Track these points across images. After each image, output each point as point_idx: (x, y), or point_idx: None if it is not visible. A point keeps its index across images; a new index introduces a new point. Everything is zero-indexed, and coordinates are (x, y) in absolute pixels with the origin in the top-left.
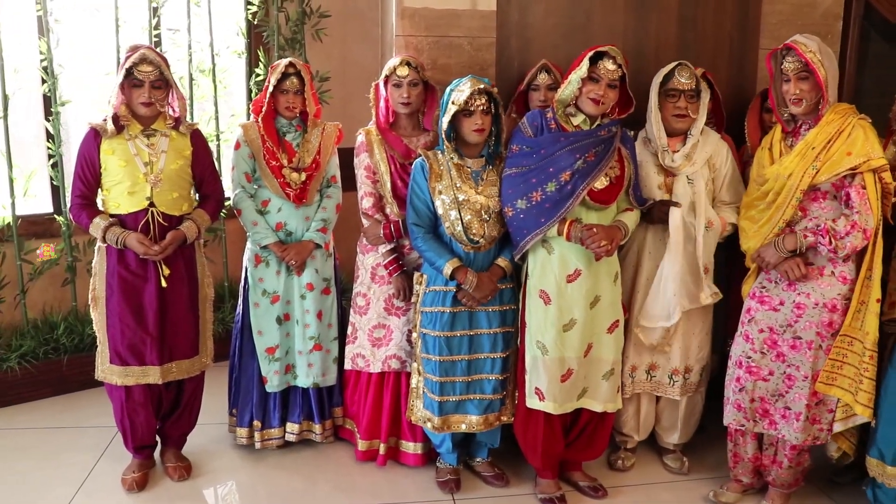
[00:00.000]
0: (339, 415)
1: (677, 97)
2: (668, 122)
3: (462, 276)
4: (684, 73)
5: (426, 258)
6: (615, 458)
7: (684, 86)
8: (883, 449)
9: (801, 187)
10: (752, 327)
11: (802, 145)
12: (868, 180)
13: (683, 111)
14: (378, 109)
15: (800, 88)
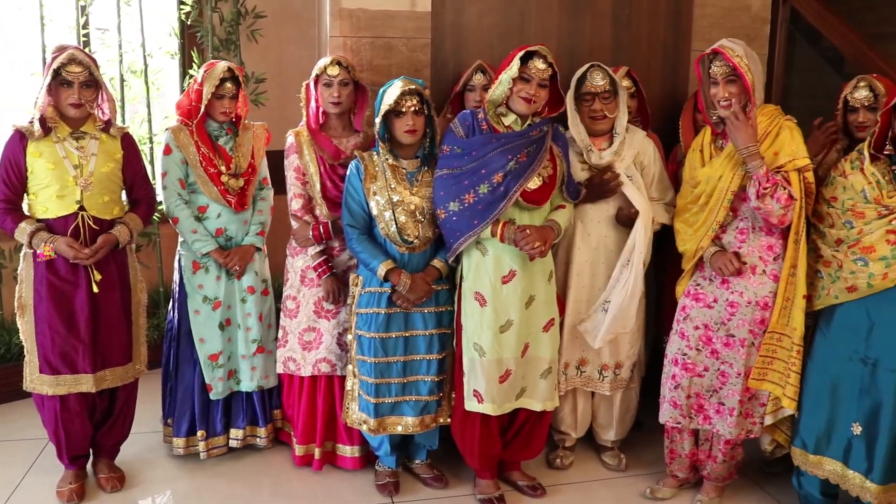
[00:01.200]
0: (279, 417)
1: (591, 100)
2: (586, 124)
3: (396, 277)
4: (597, 76)
5: (361, 259)
6: (553, 457)
7: (598, 88)
8: (805, 438)
9: (731, 188)
10: (687, 325)
11: (731, 147)
12: (793, 179)
13: (599, 113)
14: (308, 110)
15: (728, 92)
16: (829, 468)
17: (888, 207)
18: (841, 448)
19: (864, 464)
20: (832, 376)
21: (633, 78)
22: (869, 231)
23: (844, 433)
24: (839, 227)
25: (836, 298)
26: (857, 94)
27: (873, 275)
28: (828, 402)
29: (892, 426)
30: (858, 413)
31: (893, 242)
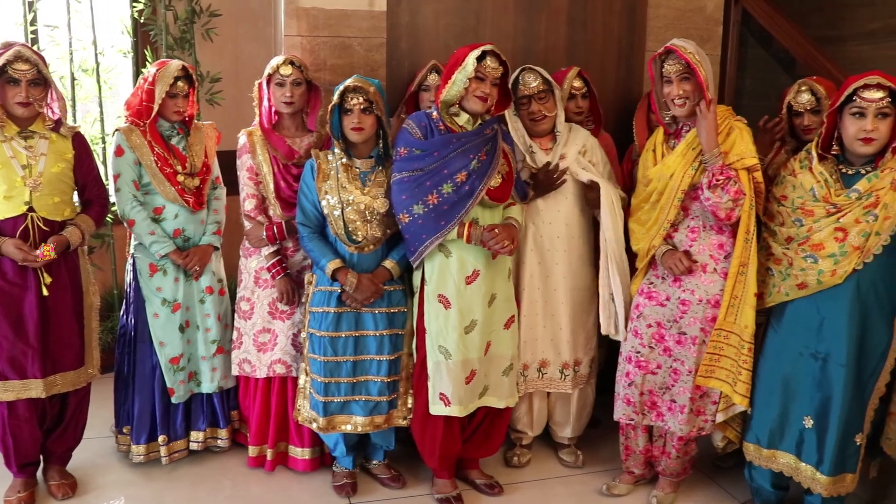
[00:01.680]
0: (236, 418)
1: (528, 102)
2: (528, 126)
3: (342, 276)
4: (529, 77)
5: (312, 258)
6: (511, 455)
7: (532, 90)
8: (759, 433)
9: (682, 187)
10: (640, 323)
11: (683, 146)
12: (742, 178)
13: (538, 114)
14: (261, 109)
15: (682, 89)
16: (783, 461)
17: (836, 205)
18: (794, 441)
19: (815, 456)
20: (784, 372)
21: (585, 78)
22: (818, 229)
23: (797, 427)
24: (789, 225)
25: (787, 295)
26: (799, 99)
27: (822, 271)
28: (780, 397)
29: (841, 419)
30: (810, 407)
31: (841, 240)
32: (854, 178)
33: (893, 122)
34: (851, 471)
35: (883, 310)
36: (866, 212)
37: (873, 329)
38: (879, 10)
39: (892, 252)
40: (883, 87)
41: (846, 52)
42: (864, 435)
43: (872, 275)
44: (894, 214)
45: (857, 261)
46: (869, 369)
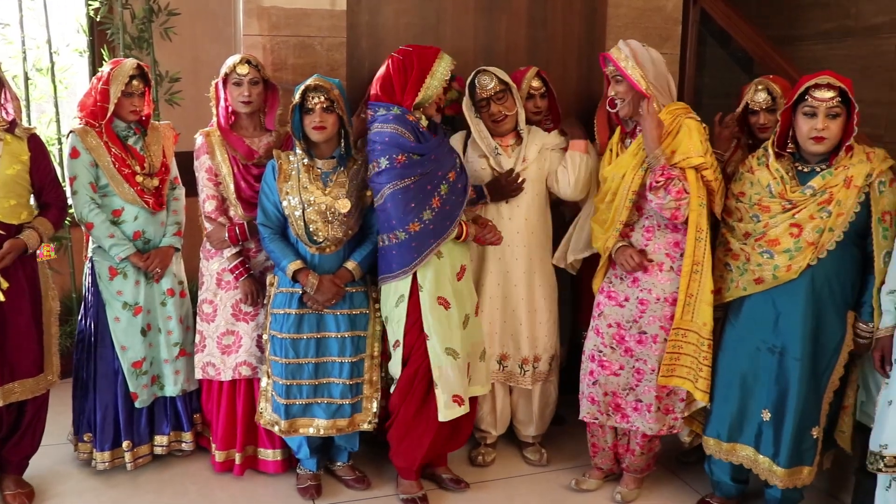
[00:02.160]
0: (199, 421)
1: (487, 105)
2: (490, 128)
3: (303, 277)
4: (485, 79)
5: (273, 259)
6: (476, 454)
7: (489, 92)
8: (719, 427)
9: (632, 188)
10: (601, 322)
11: (635, 146)
12: (690, 177)
13: (498, 115)
14: (219, 109)
15: (615, 91)
16: (743, 454)
17: (791, 202)
18: (752, 434)
19: (772, 448)
20: (742, 366)
21: (543, 78)
22: (774, 224)
23: (755, 420)
24: (747, 220)
25: (745, 290)
26: (756, 98)
27: (778, 267)
28: (738, 391)
29: (797, 412)
30: (767, 400)
31: (796, 235)
32: (809, 175)
33: (844, 121)
34: (808, 464)
35: (836, 304)
36: (820, 208)
37: (827, 323)
38: (833, 12)
39: (844, 248)
40: (833, 87)
41: (802, 52)
42: (821, 428)
43: (826, 270)
44: (847, 211)
45: (811, 256)
46: (823, 363)
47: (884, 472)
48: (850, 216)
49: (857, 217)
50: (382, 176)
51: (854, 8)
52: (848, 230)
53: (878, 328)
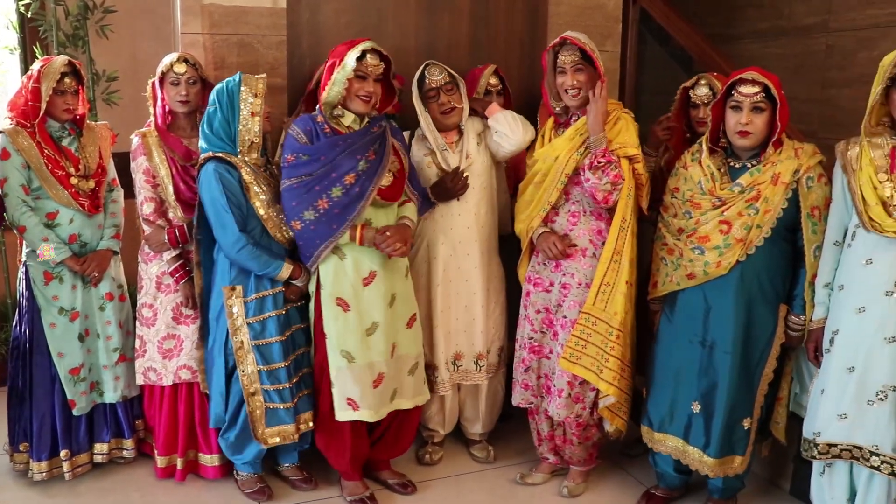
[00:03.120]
0: (141, 427)
1: (436, 94)
2: (438, 121)
3: (298, 272)
4: (434, 72)
5: (251, 267)
6: (423, 453)
7: (437, 82)
8: (652, 417)
9: (566, 171)
10: (531, 310)
11: (572, 131)
12: (623, 166)
13: (447, 105)
14: (156, 109)
15: (576, 80)
16: (672, 444)
17: (721, 199)
18: (682, 425)
19: (702, 439)
20: (675, 358)
21: (500, 76)
22: (704, 221)
23: (685, 411)
24: (680, 216)
25: (678, 285)
26: (698, 92)
27: (708, 263)
28: (671, 383)
29: (727, 404)
30: (698, 392)
31: (725, 232)
32: (740, 171)
33: (770, 117)
34: (740, 453)
35: (767, 298)
36: (748, 205)
37: (759, 317)
38: (767, 12)
39: (774, 243)
40: (757, 82)
41: (738, 50)
42: (754, 419)
43: (756, 265)
44: (774, 208)
45: (740, 252)
46: (756, 356)
47: (817, 458)
48: (777, 213)
49: (785, 213)
50: (281, 174)
51: (787, 9)
52: (776, 226)
53: (811, 320)
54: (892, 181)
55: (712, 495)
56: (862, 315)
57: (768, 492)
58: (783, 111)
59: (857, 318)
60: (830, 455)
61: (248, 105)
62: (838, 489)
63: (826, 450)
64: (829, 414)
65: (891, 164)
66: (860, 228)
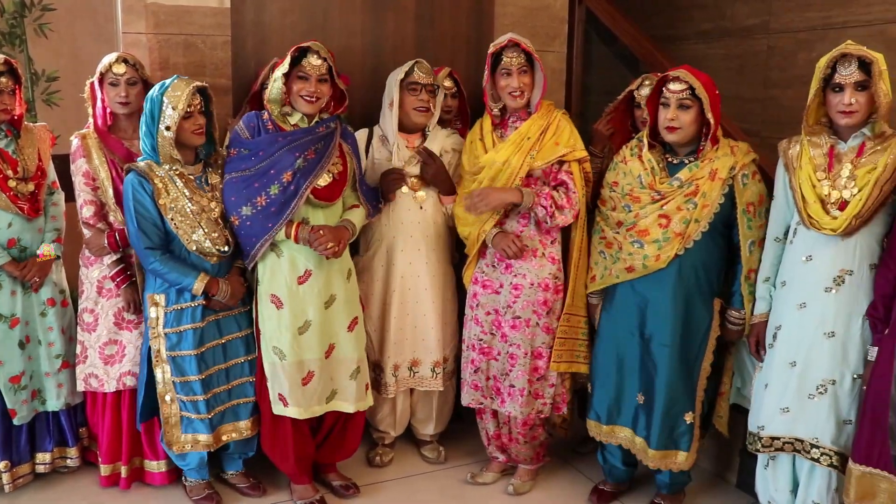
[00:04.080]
0: (85, 435)
1: (419, 90)
2: (409, 116)
3: (215, 288)
4: (423, 69)
5: (169, 280)
6: (373, 455)
7: (424, 80)
8: (599, 410)
9: (520, 175)
10: (479, 311)
11: (517, 135)
12: (574, 169)
13: (426, 104)
14: (95, 110)
15: (522, 82)
16: (622, 435)
17: (660, 193)
18: (630, 416)
19: (645, 431)
20: (617, 351)
21: (455, 79)
22: (644, 215)
23: (631, 402)
24: (620, 210)
25: (618, 278)
26: (642, 92)
27: (647, 256)
28: (615, 375)
29: (666, 397)
30: (641, 384)
31: (664, 226)
32: (678, 167)
33: (697, 113)
34: (684, 449)
35: (703, 292)
36: (687, 200)
37: (696, 311)
38: (711, 13)
39: (711, 238)
40: (684, 80)
41: (683, 51)
42: (696, 414)
43: (693, 259)
44: (712, 203)
45: (678, 246)
46: (694, 350)
47: (762, 451)
48: (714, 207)
49: (721, 208)
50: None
51: (729, 10)
52: (713, 221)
53: (753, 315)
54: (830, 180)
55: (660, 490)
56: (803, 311)
57: (715, 485)
58: (714, 109)
59: (798, 313)
60: (774, 448)
61: (165, 118)
62: (781, 481)
63: (769, 443)
64: (772, 408)
65: (829, 162)
66: (801, 226)
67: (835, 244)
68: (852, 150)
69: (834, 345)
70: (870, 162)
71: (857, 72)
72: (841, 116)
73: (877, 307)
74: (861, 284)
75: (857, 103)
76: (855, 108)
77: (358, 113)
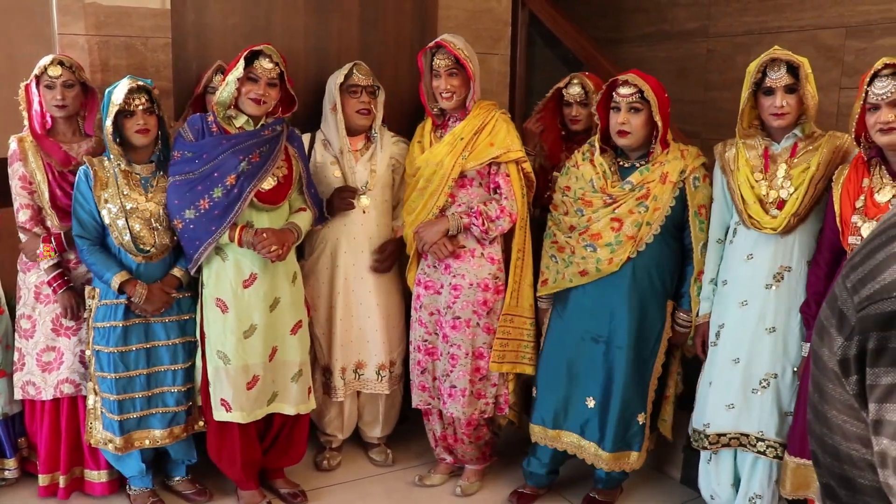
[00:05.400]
0: (24, 445)
1: (359, 93)
2: (351, 119)
3: (131, 288)
4: (362, 71)
5: (94, 272)
6: (321, 459)
7: (363, 82)
8: (544, 415)
9: (452, 176)
10: (422, 313)
11: (451, 136)
12: (511, 170)
13: (367, 106)
14: (31, 113)
15: (450, 84)
16: (567, 440)
17: (612, 196)
18: (577, 422)
19: (598, 434)
20: (568, 355)
21: None
22: (597, 219)
23: (580, 408)
24: (572, 214)
25: (571, 282)
26: (570, 90)
27: (601, 260)
28: (564, 380)
29: (622, 399)
30: (593, 388)
31: (617, 230)
32: (630, 170)
33: (647, 117)
34: (636, 449)
35: (657, 294)
36: (638, 203)
37: (649, 313)
38: (653, 16)
39: (663, 240)
40: (633, 84)
41: (626, 54)
42: (647, 415)
43: (646, 262)
44: (663, 206)
45: (631, 249)
46: (647, 351)
47: (708, 448)
48: (666, 210)
49: (672, 211)
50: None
51: (670, 14)
52: (665, 223)
53: (698, 315)
54: (767, 179)
55: (597, 485)
56: (745, 308)
57: (657, 480)
58: (662, 112)
59: (740, 311)
60: (720, 444)
61: (109, 116)
62: (724, 475)
63: (716, 440)
64: (717, 405)
65: (765, 163)
66: (741, 226)
67: (774, 242)
68: (786, 151)
69: (775, 339)
70: (803, 161)
71: (785, 75)
72: (773, 118)
73: (809, 304)
74: (800, 280)
75: (787, 105)
76: (786, 109)
77: (301, 115)
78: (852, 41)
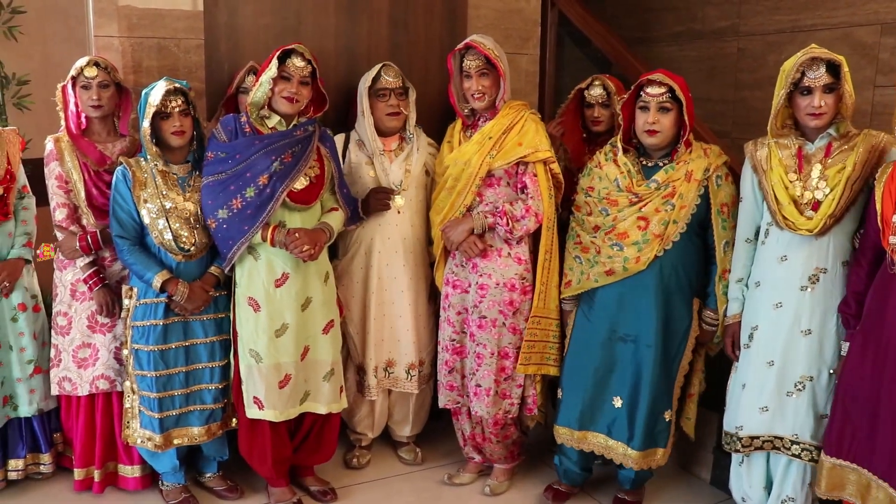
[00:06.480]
0: (60, 440)
1: (388, 95)
2: (381, 122)
3: (173, 287)
4: (390, 73)
5: (134, 271)
6: (350, 457)
7: (392, 84)
8: (570, 417)
9: (479, 174)
10: (450, 312)
11: (480, 135)
12: (539, 170)
13: (396, 108)
14: (67, 114)
15: (482, 84)
16: (594, 441)
17: (638, 195)
18: (605, 422)
19: (626, 434)
20: (594, 356)
21: None
22: (622, 218)
23: (607, 408)
24: (596, 214)
25: (597, 282)
26: (592, 92)
27: (628, 258)
28: (591, 381)
29: (651, 397)
30: (621, 388)
31: (643, 228)
32: (653, 169)
33: (676, 116)
34: (662, 446)
35: (683, 293)
36: (665, 201)
37: (676, 311)
38: (682, 15)
39: (688, 238)
40: (663, 83)
41: (655, 53)
42: (673, 412)
43: (673, 260)
44: (689, 203)
45: (658, 248)
46: (674, 349)
47: (741, 451)
48: (691, 208)
49: (697, 209)
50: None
51: (701, 12)
52: (690, 221)
53: (726, 315)
54: (802, 180)
55: (623, 486)
56: (779, 310)
57: (685, 480)
58: (689, 111)
59: (774, 313)
60: (753, 447)
61: (146, 118)
62: (756, 478)
63: (749, 442)
64: (750, 407)
65: (798, 163)
66: (773, 227)
67: (809, 243)
68: (820, 151)
69: (811, 342)
70: (839, 162)
71: (825, 75)
72: (810, 118)
73: (849, 303)
74: (835, 281)
75: (825, 105)
76: (824, 109)
77: (331, 116)
78: (887, 38)
